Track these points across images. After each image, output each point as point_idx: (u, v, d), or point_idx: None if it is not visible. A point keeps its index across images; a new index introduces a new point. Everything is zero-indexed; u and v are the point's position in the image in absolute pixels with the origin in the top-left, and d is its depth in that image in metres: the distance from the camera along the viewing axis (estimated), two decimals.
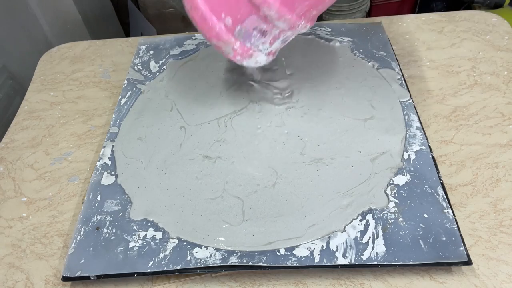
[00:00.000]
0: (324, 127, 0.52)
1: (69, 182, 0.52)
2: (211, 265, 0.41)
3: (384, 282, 0.40)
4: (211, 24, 0.44)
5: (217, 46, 0.46)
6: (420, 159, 0.47)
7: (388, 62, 0.59)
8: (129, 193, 0.48)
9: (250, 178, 0.48)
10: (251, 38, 0.45)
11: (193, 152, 0.51)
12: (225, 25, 0.44)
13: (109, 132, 0.55)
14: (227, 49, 0.46)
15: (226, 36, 0.45)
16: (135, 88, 0.61)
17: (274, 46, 0.48)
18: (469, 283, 0.39)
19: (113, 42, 0.72)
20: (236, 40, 0.45)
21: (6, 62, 0.79)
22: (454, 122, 0.52)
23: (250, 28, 0.45)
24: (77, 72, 0.68)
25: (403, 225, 0.42)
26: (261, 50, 0.47)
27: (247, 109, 0.55)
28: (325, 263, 0.40)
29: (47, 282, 0.43)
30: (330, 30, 0.65)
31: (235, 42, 0.45)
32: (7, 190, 0.52)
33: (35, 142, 0.58)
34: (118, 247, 0.43)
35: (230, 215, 0.45)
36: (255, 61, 0.48)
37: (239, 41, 0.45)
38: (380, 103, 0.54)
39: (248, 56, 0.47)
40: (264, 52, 0.48)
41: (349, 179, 0.46)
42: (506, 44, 0.61)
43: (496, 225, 0.42)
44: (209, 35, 0.45)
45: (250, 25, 0.44)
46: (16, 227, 0.48)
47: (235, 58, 0.47)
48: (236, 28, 0.44)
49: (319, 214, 0.44)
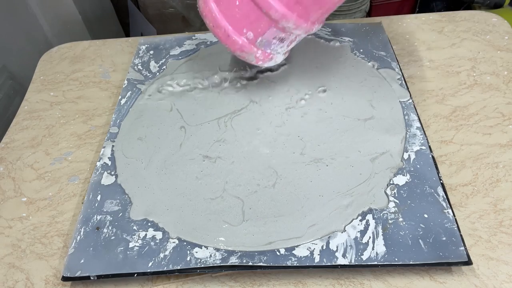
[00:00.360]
0: (324, 127, 0.52)
1: (69, 182, 0.52)
2: (211, 265, 0.41)
3: (384, 282, 0.40)
4: (234, 39, 0.49)
5: (241, 56, 0.51)
6: (420, 159, 0.47)
7: (388, 62, 0.59)
8: (129, 193, 0.48)
9: (250, 178, 0.48)
10: (271, 45, 0.50)
11: (193, 152, 0.51)
12: (247, 38, 0.49)
13: (109, 132, 0.55)
14: (250, 57, 0.51)
15: (249, 48, 0.49)
16: (135, 88, 0.61)
17: (291, 47, 0.53)
18: (469, 283, 0.39)
19: (113, 42, 0.72)
20: (258, 49, 0.50)
21: (6, 62, 0.79)
22: (454, 122, 0.52)
23: (270, 38, 0.49)
24: (77, 72, 0.68)
25: (403, 225, 0.42)
26: (279, 52, 0.52)
27: (247, 109, 0.55)
28: (325, 263, 0.40)
29: (47, 282, 0.43)
30: (330, 30, 0.65)
31: (257, 51, 0.50)
32: (7, 190, 0.52)
33: (35, 142, 0.58)
34: (118, 247, 0.43)
35: (230, 215, 0.45)
36: (274, 62, 0.53)
37: (260, 49, 0.50)
38: (380, 103, 0.54)
39: (268, 60, 0.52)
40: (281, 53, 0.53)
41: (349, 179, 0.46)
42: (506, 44, 0.61)
43: (496, 225, 0.42)
44: (233, 48, 0.50)
45: (270, 36, 0.49)
46: (16, 227, 0.48)
47: (257, 63, 0.52)
48: (258, 40, 0.49)
49: (319, 214, 0.44)
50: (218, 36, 0.50)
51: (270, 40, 0.49)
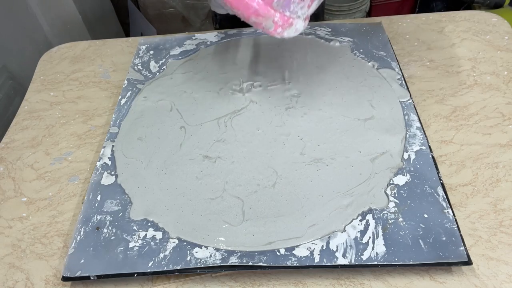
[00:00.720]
0: (324, 127, 0.52)
1: (69, 182, 0.52)
2: (211, 265, 0.41)
3: (384, 282, 0.40)
4: (247, 2, 0.43)
5: (256, 23, 0.44)
6: (420, 159, 0.47)
7: (388, 62, 0.59)
8: (129, 193, 0.48)
9: (250, 178, 0.48)
10: (291, 5, 0.44)
11: (193, 152, 0.51)
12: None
13: (109, 132, 0.55)
14: (267, 23, 0.44)
15: (266, 10, 0.43)
16: (135, 88, 0.61)
17: (312, 8, 0.46)
18: (469, 283, 0.39)
19: (113, 42, 0.72)
20: (276, 11, 0.43)
21: (6, 62, 0.80)
22: (454, 122, 0.52)
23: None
24: (77, 72, 0.68)
25: (403, 225, 0.42)
26: (300, 16, 0.45)
27: (247, 109, 0.55)
28: (325, 263, 0.40)
29: (47, 282, 0.43)
30: (330, 30, 0.65)
31: (275, 14, 0.43)
32: (7, 190, 0.52)
33: (35, 142, 0.58)
34: (118, 247, 0.43)
35: (230, 215, 0.45)
36: (295, 30, 0.46)
37: (278, 12, 0.44)
38: (380, 103, 0.54)
39: (288, 26, 0.45)
40: (302, 17, 0.46)
41: (349, 179, 0.46)
42: (506, 44, 0.61)
43: (496, 225, 0.42)
44: (247, 13, 0.43)
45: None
46: (16, 227, 0.48)
47: (276, 31, 0.45)
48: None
49: (319, 214, 0.44)
50: (229, 1, 0.43)
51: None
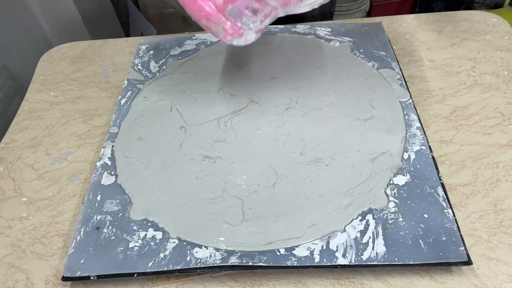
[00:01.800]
0: (324, 127, 0.52)
1: (69, 182, 0.52)
2: (211, 265, 0.41)
3: (384, 282, 0.40)
4: (200, 5, 0.43)
5: (207, 26, 0.44)
6: (420, 159, 0.47)
7: (388, 62, 0.59)
8: (129, 193, 0.48)
9: (250, 178, 0.48)
10: (242, 17, 0.44)
11: (193, 152, 0.51)
12: (215, 4, 0.43)
13: (109, 132, 0.55)
14: (217, 29, 0.44)
15: (217, 16, 0.43)
16: (135, 88, 0.61)
17: (264, 24, 0.46)
18: (469, 283, 0.39)
19: (113, 42, 0.72)
20: (227, 20, 0.44)
21: (6, 62, 0.79)
22: (454, 122, 0.52)
23: (242, 7, 0.43)
24: (77, 72, 0.68)
25: (403, 225, 0.42)
26: (251, 29, 0.46)
27: (247, 109, 0.55)
28: (325, 263, 0.40)
29: (47, 282, 0.43)
30: (330, 30, 0.65)
31: (226, 22, 0.44)
32: (7, 190, 0.52)
33: (35, 142, 0.58)
34: (118, 247, 0.43)
35: (230, 215, 0.45)
36: (245, 40, 0.46)
37: (230, 20, 0.44)
38: (380, 103, 0.54)
39: (238, 36, 0.45)
40: (254, 30, 0.46)
41: (349, 179, 0.46)
42: (506, 44, 0.61)
43: (496, 225, 0.42)
44: (199, 15, 0.43)
45: (242, 4, 0.43)
46: (16, 227, 0.48)
47: (225, 38, 0.45)
48: (228, 8, 0.43)
49: (319, 214, 0.44)
50: (183, 1, 0.43)
51: (242, 10, 0.43)
